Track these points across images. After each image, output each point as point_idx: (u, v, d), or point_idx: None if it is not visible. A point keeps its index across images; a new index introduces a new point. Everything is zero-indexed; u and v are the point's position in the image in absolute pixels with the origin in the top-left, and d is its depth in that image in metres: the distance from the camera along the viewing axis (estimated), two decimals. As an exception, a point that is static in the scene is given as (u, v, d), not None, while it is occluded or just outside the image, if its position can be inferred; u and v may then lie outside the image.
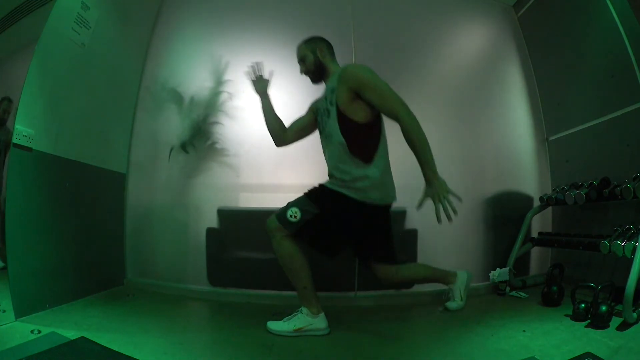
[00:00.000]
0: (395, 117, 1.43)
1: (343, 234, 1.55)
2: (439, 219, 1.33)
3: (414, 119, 1.40)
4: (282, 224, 1.49)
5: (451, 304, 1.76)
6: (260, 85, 1.80)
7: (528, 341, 1.35)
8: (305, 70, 1.71)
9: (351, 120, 1.50)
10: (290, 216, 1.49)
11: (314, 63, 1.67)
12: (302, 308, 1.52)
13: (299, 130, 1.78)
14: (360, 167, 1.49)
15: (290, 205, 1.52)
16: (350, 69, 1.53)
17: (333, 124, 1.53)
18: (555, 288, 1.80)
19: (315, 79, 1.71)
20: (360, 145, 1.50)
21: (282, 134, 1.77)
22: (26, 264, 1.56)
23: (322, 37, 1.73)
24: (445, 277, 1.74)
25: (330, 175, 1.60)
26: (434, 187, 1.36)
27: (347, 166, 1.50)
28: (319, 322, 1.50)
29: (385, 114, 1.50)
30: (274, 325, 1.51)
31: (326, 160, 1.65)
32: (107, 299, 1.93)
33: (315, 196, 1.54)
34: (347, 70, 1.53)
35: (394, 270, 1.59)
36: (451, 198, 1.35)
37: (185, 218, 2.24)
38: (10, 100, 1.73)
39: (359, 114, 1.50)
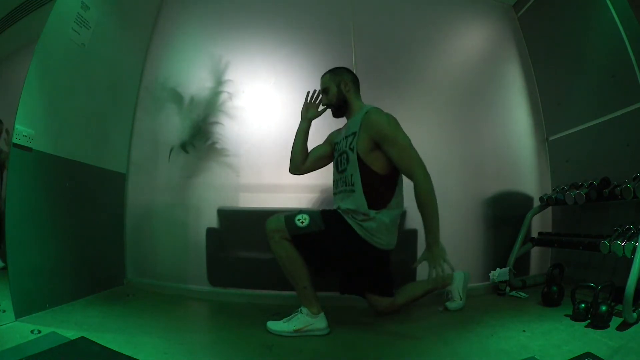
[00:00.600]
0: (410, 176, 1.45)
1: (337, 260, 1.57)
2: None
3: (429, 182, 1.42)
4: (287, 224, 1.48)
5: (451, 304, 1.77)
6: (310, 111, 1.79)
7: (528, 341, 1.35)
8: (328, 103, 1.70)
9: (371, 170, 1.51)
10: (298, 220, 1.49)
11: (337, 96, 1.65)
12: (302, 308, 1.52)
13: (317, 160, 1.78)
14: (372, 213, 1.50)
15: (302, 211, 1.54)
16: (374, 117, 1.52)
17: (354, 171, 1.53)
18: (555, 288, 1.80)
19: (337, 114, 1.70)
20: (376, 194, 1.51)
21: (301, 164, 1.77)
22: (26, 264, 1.55)
23: (348, 69, 1.72)
24: (442, 282, 1.74)
25: (338, 208, 1.61)
26: (433, 253, 1.41)
27: (358, 211, 1.51)
28: (319, 322, 1.50)
29: (401, 170, 1.51)
30: (274, 326, 1.51)
31: (336, 198, 1.66)
32: (107, 299, 1.93)
33: (328, 216, 1.56)
34: (371, 117, 1.52)
35: (390, 301, 1.62)
36: (445, 266, 1.40)
37: (185, 218, 2.24)
38: (1, 122, 1.73)
39: (378, 165, 1.51)
